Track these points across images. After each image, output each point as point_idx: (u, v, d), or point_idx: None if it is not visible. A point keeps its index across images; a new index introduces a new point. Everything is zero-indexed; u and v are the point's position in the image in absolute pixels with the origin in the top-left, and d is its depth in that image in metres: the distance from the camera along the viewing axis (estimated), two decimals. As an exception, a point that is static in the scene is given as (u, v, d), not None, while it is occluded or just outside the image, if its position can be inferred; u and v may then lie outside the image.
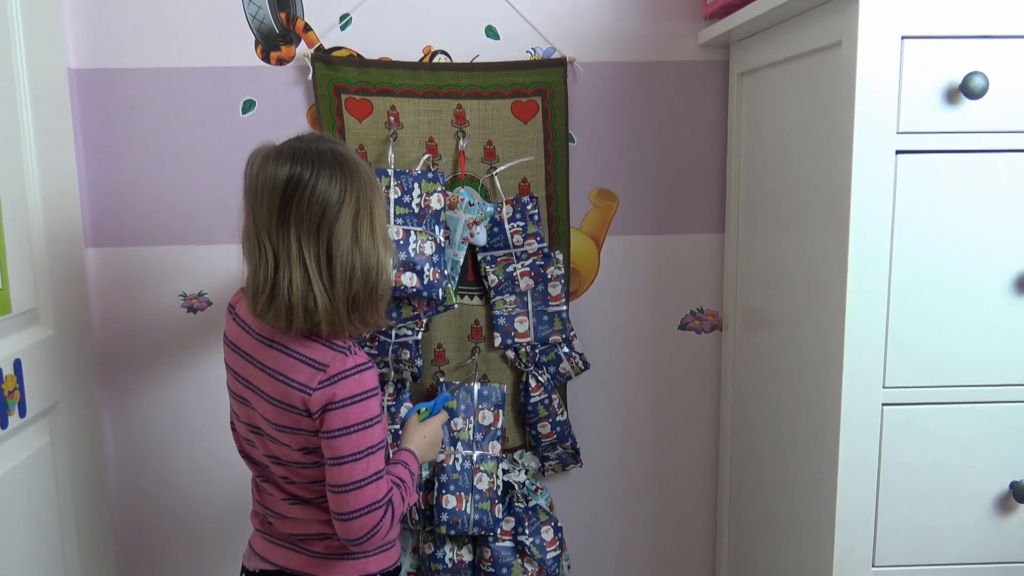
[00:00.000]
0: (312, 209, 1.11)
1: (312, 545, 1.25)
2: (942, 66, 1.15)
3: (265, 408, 1.18)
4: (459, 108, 1.66)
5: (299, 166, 1.11)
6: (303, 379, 1.14)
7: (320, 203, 1.11)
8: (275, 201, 1.11)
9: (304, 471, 1.20)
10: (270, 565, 1.26)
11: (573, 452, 1.76)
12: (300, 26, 1.66)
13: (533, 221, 1.66)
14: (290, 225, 1.11)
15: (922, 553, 1.26)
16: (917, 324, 1.20)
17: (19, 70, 1.43)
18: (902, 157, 1.16)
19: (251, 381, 1.20)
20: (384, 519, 1.16)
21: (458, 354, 1.72)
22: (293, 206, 1.11)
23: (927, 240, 1.18)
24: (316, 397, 1.13)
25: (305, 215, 1.11)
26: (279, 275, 1.11)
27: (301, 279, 1.11)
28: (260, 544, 1.29)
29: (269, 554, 1.27)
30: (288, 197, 1.11)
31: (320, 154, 1.13)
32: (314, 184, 1.11)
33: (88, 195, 1.69)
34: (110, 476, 1.76)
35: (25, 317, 1.45)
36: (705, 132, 1.74)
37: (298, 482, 1.22)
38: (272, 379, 1.16)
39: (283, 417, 1.17)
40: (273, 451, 1.21)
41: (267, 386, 1.17)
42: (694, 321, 1.81)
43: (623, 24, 1.70)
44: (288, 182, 1.11)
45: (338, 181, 1.12)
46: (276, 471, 1.23)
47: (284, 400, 1.15)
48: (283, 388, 1.15)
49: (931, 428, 1.23)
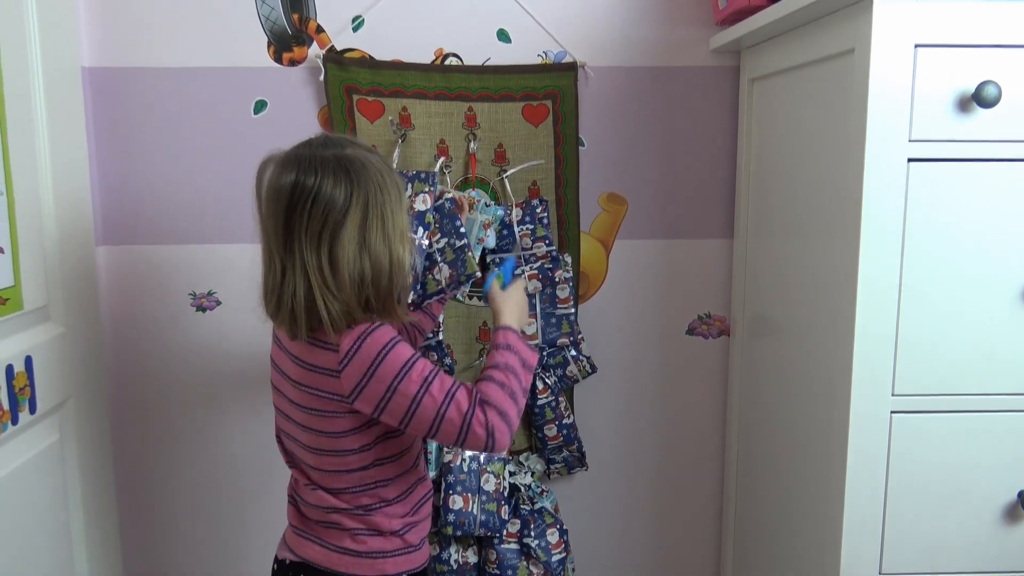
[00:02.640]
0: (315, 218, 1.10)
1: (334, 538, 1.25)
2: (955, 75, 1.15)
3: (293, 394, 1.18)
4: (470, 111, 1.66)
5: (303, 175, 1.11)
6: (326, 363, 1.14)
7: (323, 212, 1.10)
8: (280, 211, 1.11)
9: (327, 458, 1.20)
10: (295, 556, 1.27)
11: (579, 455, 1.76)
12: (312, 27, 1.67)
13: (542, 224, 1.67)
14: (295, 234, 1.11)
15: (929, 561, 1.26)
16: (927, 332, 1.20)
17: (34, 68, 1.44)
18: (914, 165, 1.16)
19: (283, 368, 1.21)
20: (489, 417, 1.12)
21: (466, 355, 1.72)
22: (297, 216, 1.10)
23: (938, 248, 1.18)
24: (344, 377, 1.13)
25: (309, 224, 1.10)
26: (284, 284, 1.12)
27: (305, 289, 1.10)
28: (291, 536, 1.30)
29: (296, 546, 1.27)
30: (292, 207, 1.10)
31: (324, 161, 1.12)
32: (317, 192, 1.10)
33: (99, 193, 1.70)
34: (118, 472, 1.77)
35: (36, 314, 1.45)
36: (715, 137, 1.74)
37: (322, 469, 1.22)
38: (299, 367, 1.17)
39: (314, 402, 1.17)
40: (299, 436, 1.22)
41: (295, 374, 1.18)
42: (702, 326, 1.81)
43: (634, 29, 1.70)
44: (292, 192, 1.10)
45: (343, 188, 1.11)
46: (304, 456, 1.23)
47: (314, 386, 1.16)
48: (310, 375, 1.15)
49: (940, 436, 1.23)
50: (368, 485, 1.23)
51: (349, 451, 1.19)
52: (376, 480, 1.22)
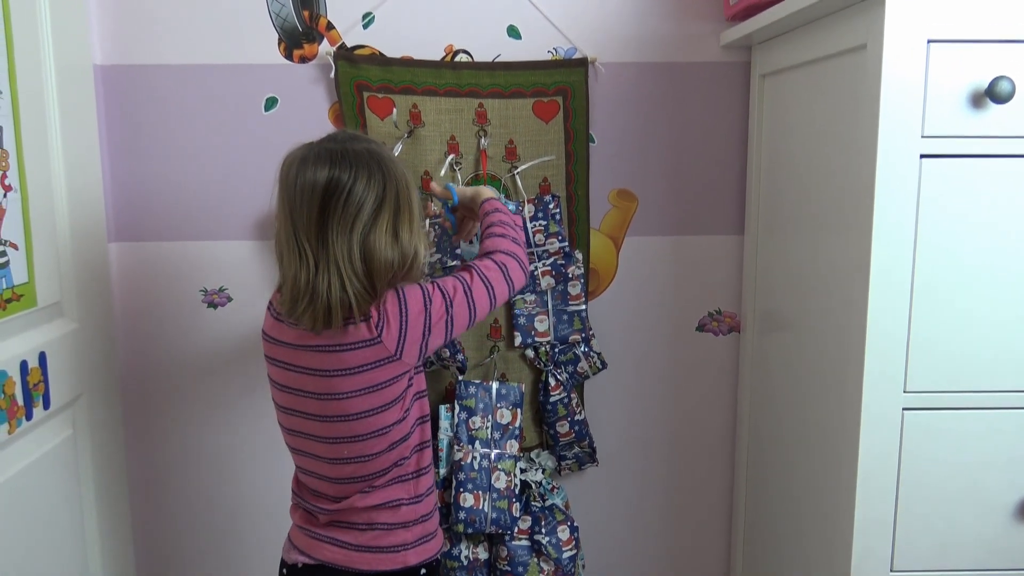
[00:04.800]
0: (350, 210, 1.13)
1: (350, 536, 1.25)
2: (968, 70, 1.14)
3: (331, 384, 1.19)
4: (480, 107, 1.66)
5: (337, 169, 1.13)
6: (365, 335, 1.17)
7: (358, 204, 1.13)
8: (315, 205, 1.13)
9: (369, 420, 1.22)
10: (311, 560, 1.27)
11: (590, 451, 1.76)
12: (323, 24, 1.67)
13: (555, 220, 1.67)
14: (329, 227, 1.13)
15: (941, 558, 1.26)
16: (939, 328, 1.20)
17: (46, 66, 1.44)
18: (927, 161, 1.16)
19: (304, 366, 1.20)
20: (495, 261, 1.29)
21: (477, 353, 1.72)
22: (332, 209, 1.13)
23: (951, 244, 1.18)
24: (386, 340, 1.17)
25: (344, 217, 1.13)
26: (319, 277, 1.13)
27: (338, 281, 1.13)
28: (301, 539, 1.30)
29: (310, 549, 1.27)
30: (327, 200, 1.13)
31: (357, 155, 1.15)
32: (352, 185, 1.13)
33: (111, 190, 1.71)
34: (130, 467, 1.78)
35: (50, 310, 1.46)
36: (725, 133, 1.74)
37: (359, 457, 1.23)
38: (336, 353, 1.17)
39: (365, 380, 1.18)
40: (333, 431, 1.22)
41: (335, 362, 1.18)
42: (712, 323, 1.81)
43: (645, 25, 1.70)
44: (328, 185, 1.13)
45: (376, 181, 1.15)
46: (336, 452, 1.24)
47: (359, 364, 1.17)
48: (353, 354, 1.17)
49: (952, 433, 1.22)
50: (398, 470, 1.26)
51: (392, 423, 1.22)
52: (403, 459, 1.26)
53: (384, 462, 1.24)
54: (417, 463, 1.29)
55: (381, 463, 1.24)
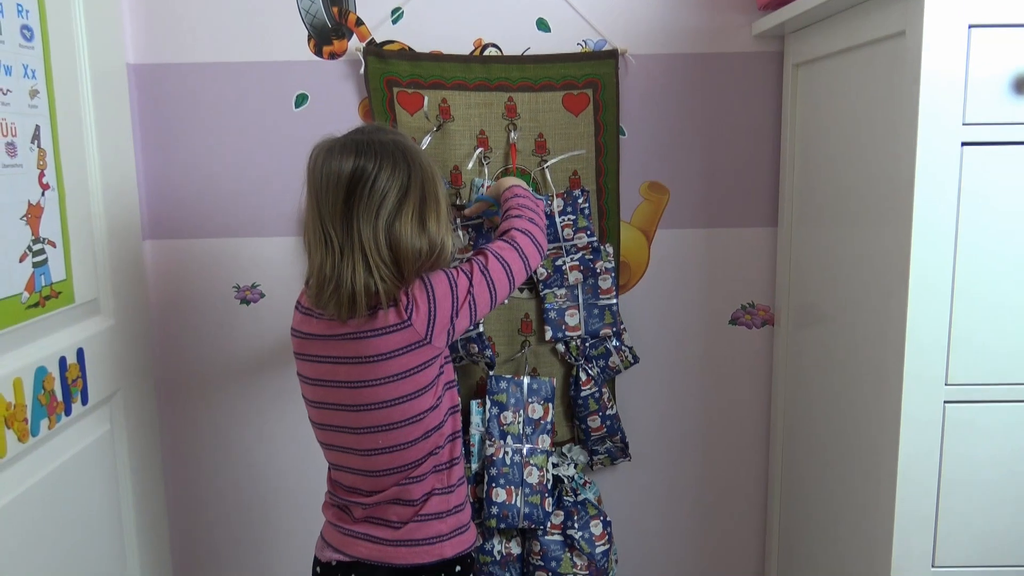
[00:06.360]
0: (375, 199, 1.15)
1: (384, 532, 1.26)
2: (1010, 55, 1.11)
3: (364, 371, 1.19)
4: (510, 101, 1.66)
5: (362, 158, 1.15)
6: (394, 320, 1.18)
7: (383, 193, 1.15)
8: (340, 193, 1.15)
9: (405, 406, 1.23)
10: (345, 557, 1.28)
11: (622, 446, 1.75)
12: (352, 20, 1.67)
13: (584, 215, 1.66)
14: (354, 215, 1.15)
15: (983, 554, 1.23)
16: (982, 320, 1.17)
17: (81, 67, 1.46)
18: (968, 149, 1.13)
19: (335, 355, 1.21)
20: (510, 240, 1.32)
21: (508, 347, 1.72)
22: (357, 197, 1.15)
23: (993, 234, 1.15)
24: (416, 324, 1.18)
25: (369, 204, 1.14)
26: (344, 263, 1.14)
27: (364, 268, 1.14)
28: (334, 536, 1.30)
29: (344, 546, 1.28)
30: (352, 189, 1.15)
31: (383, 145, 1.17)
32: (377, 174, 1.15)
33: (145, 188, 1.72)
34: (165, 462, 1.80)
35: (87, 307, 1.48)
36: (758, 124, 1.71)
37: (395, 447, 1.23)
38: (368, 340, 1.18)
39: (400, 365, 1.19)
40: (370, 420, 1.23)
41: (368, 348, 1.18)
42: (745, 316, 1.79)
43: (675, 16, 1.68)
44: (353, 174, 1.15)
45: (402, 171, 1.16)
46: (372, 442, 1.24)
47: (391, 349, 1.18)
48: (385, 339, 1.18)
49: (994, 426, 1.20)
50: (434, 459, 1.26)
51: (426, 410, 1.23)
52: (437, 447, 1.26)
53: (419, 451, 1.24)
54: (450, 453, 1.29)
55: (416, 452, 1.24)
